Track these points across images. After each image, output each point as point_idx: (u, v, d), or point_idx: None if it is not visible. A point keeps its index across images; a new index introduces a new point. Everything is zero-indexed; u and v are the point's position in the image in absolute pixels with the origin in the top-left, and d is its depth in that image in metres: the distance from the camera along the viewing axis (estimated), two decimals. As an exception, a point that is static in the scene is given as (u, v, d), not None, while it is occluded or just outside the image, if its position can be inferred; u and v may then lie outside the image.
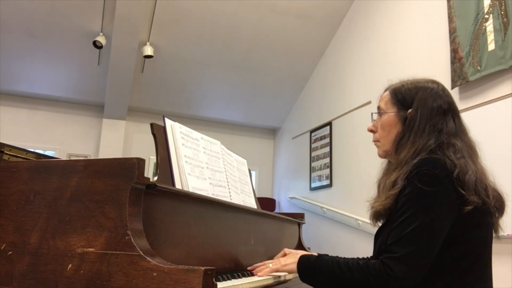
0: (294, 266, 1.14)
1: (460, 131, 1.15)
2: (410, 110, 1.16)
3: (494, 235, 1.12)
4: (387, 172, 1.19)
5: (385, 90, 1.26)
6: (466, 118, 3.40)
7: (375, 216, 1.15)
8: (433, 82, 1.22)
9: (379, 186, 1.19)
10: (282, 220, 1.84)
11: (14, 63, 4.86)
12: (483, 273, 1.06)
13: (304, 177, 5.43)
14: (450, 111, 1.16)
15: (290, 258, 1.18)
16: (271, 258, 1.38)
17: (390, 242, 0.99)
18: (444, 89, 1.21)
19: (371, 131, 1.27)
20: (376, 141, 1.25)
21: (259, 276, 1.19)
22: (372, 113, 1.28)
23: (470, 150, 1.13)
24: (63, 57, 4.90)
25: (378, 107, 1.25)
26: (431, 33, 3.51)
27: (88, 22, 4.54)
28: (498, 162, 2.74)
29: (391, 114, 1.19)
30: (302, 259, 1.14)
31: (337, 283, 1.03)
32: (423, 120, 1.12)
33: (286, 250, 1.38)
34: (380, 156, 1.25)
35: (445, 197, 0.99)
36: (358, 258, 1.08)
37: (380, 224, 1.18)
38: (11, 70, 4.91)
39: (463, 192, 0.99)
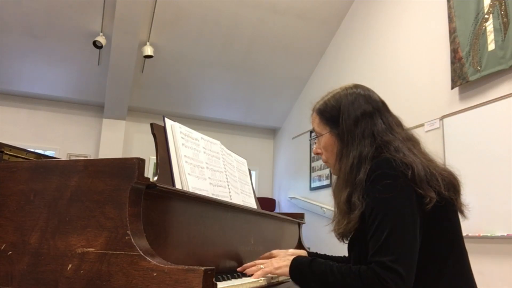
0: (286, 270, 1.12)
1: (391, 127, 1.15)
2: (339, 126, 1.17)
3: (460, 217, 1.10)
4: (336, 187, 1.18)
5: (312, 111, 1.27)
6: (466, 118, 3.39)
7: (342, 237, 1.15)
8: (352, 87, 1.22)
9: (334, 199, 1.19)
10: (282, 220, 1.84)
11: (14, 63, 4.86)
12: (461, 262, 1.06)
13: (304, 177, 5.43)
14: (376, 111, 1.16)
15: (282, 261, 1.16)
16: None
17: (372, 253, 0.98)
18: (363, 90, 1.21)
19: (317, 154, 1.28)
20: (325, 162, 1.26)
21: (252, 278, 1.17)
22: (310, 139, 1.30)
23: (408, 142, 1.13)
24: (63, 57, 4.90)
25: (314, 130, 1.27)
26: (431, 33, 3.51)
27: (88, 22, 4.54)
28: (498, 162, 2.74)
29: (326, 135, 1.21)
30: (294, 263, 1.12)
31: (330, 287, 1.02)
32: (351, 130, 1.13)
33: (275, 252, 1.36)
34: (334, 174, 1.25)
35: (407, 195, 0.99)
36: (350, 265, 1.07)
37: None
38: (11, 70, 4.91)
39: (421, 191, 0.99)
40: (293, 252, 1.39)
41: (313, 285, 1.06)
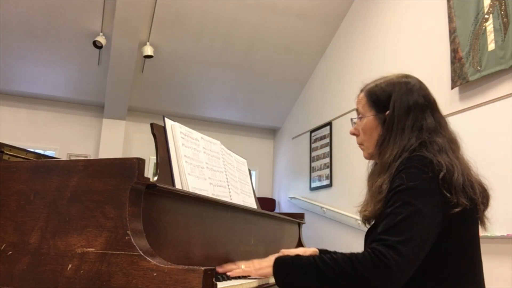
0: (270, 270, 1.03)
1: (440, 125, 1.15)
2: (387, 112, 1.15)
3: (480, 228, 1.10)
4: (373, 173, 1.18)
5: (360, 91, 1.26)
6: (466, 118, 3.39)
7: (366, 220, 1.16)
8: (406, 77, 1.21)
9: (368, 183, 1.19)
10: (282, 220, 1.84)
11: (14, 63, 4.86)
12: (472, 269, 1.05)
13: (304, 177, 5.43)
14: (427, 106, 1.15)
15: (264, 262, 1.08)
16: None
17: (380, 232, 0.96)
18: (417, 83, 1.20)
19: (353, 134, 1.26)
20: (360, 144, 1.25)
21: (231, 275, 1.11)
22: (351, 118, 1.28)
23: (452, 144, 1.13)
24: (63, 57, 4.90)
25: (357, 110, 1.25)
26: (431, 33, 3.51)
27: (88, 22, 4.54)
28: (498, 162, 2.74)
29: (370, 117, 1.19)
30: (278, 261, 1.03)
31: (323, 279, 0.94)
32: (401, 120, 1.12)
33: (284, 251, 1.35)
34: (366, 158, 1.25)
35: (431, 192, 0.98)
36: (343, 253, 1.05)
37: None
38: (11, 70, 4.91)
39: (449, 194, 0.98)
40: (305, 250, 1.34)
41: (302, 280, 0.97)
